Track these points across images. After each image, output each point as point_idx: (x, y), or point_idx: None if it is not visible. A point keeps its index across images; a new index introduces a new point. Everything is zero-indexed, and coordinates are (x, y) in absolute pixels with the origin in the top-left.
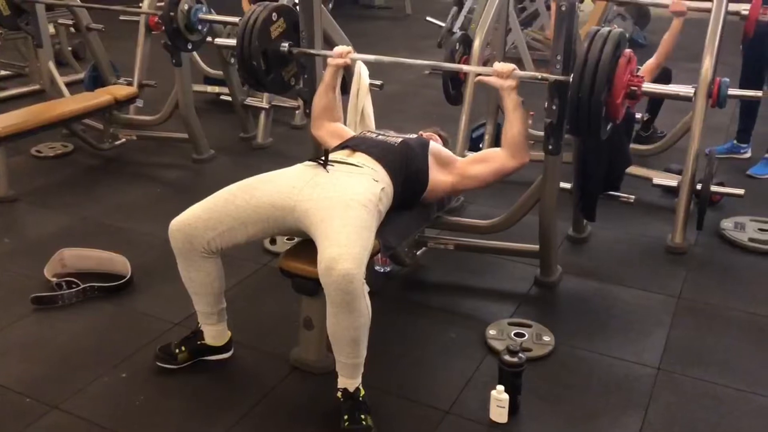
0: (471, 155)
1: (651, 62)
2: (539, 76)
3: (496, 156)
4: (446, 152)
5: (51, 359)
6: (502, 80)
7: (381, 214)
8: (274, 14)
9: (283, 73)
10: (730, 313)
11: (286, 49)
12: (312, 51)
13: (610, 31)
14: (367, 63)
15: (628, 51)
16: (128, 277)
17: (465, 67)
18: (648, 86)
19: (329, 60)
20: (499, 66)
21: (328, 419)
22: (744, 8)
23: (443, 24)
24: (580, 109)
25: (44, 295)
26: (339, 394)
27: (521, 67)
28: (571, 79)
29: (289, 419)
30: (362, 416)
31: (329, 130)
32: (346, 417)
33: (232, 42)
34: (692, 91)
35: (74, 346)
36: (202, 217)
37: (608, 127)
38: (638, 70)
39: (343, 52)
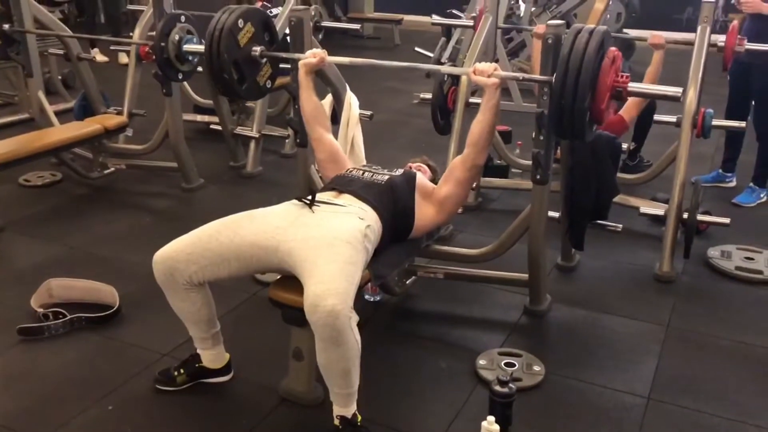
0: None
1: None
2: (520, 77)
3: (454, 166)
4: (429, 185)
5: (37, 391)
6: (485, 78)
7: (368, 251)
8: (240, 21)
9: (258, 78)
10: (718, 342)
11: (257, 53)
12: (283, 54)
13: (593, 30)
14: (341, 65)
15: (612, 50)
16: (116, 307)
17: (443, 69)
18: (634, 86)
19: (300, 61)
20: (481, 65)
21: None
22: (721, 39)
23: (431, 54)
24: (563, 114)
25: (31, 326)
26: (336, 421)
27: (508, 97)
28: (553, 80)
29: None
30: None
31: (326, 149)
32: None
33: (201, 48)
34: (680, 90)
35: (61, 377)
36: (185, 251)
37: (593, 128)
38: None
39: (316, 52)
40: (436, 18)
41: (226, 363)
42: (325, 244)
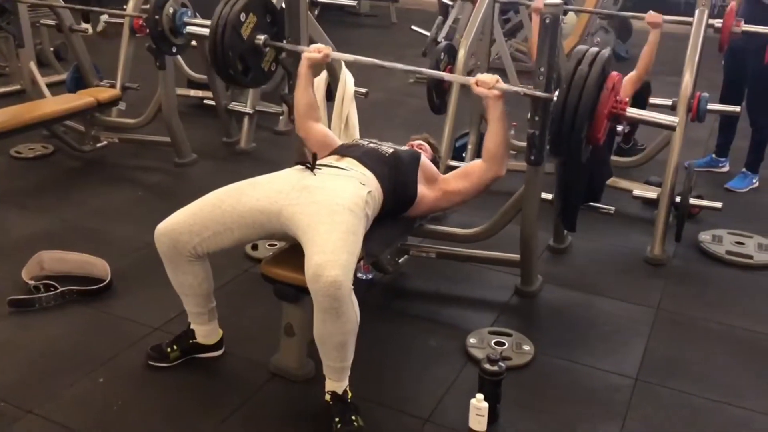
0: (452, 172)
1: (632, 75)
2: (521, 92)
3: (473, 169)
4: (433, 168)
5: (27, 363)
6: (487, 90)
7: (368, 218)
8: (242, 15)
9: (262, 64)
10: (707, 325)
11: (261, 42)
12: (287, 45)
13: (597, 53)
14: (346, 63)
15: (614, 74)
16: (107, 280)
17: (446, 75)
18: (631, 111)
19: (304, 54)
20: (483, 76)
21: (310, 425)
22: (718, 21)
23: (428, 33)
24: (561, 134)
25: (21, 297)
26: (327, 397)
27: (504, 78)
28: (554, 98)
29: (270, 425)
30: (353, 417)
31: (317, 138)
32: (337, 419)
33: (205, 31)
34: (676, 120)
35: (51, 349)
36: (188, 222)
37: (588, 148)
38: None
39: (320, 48)
40: None
41: (219, 339)
42: (328, 210)
